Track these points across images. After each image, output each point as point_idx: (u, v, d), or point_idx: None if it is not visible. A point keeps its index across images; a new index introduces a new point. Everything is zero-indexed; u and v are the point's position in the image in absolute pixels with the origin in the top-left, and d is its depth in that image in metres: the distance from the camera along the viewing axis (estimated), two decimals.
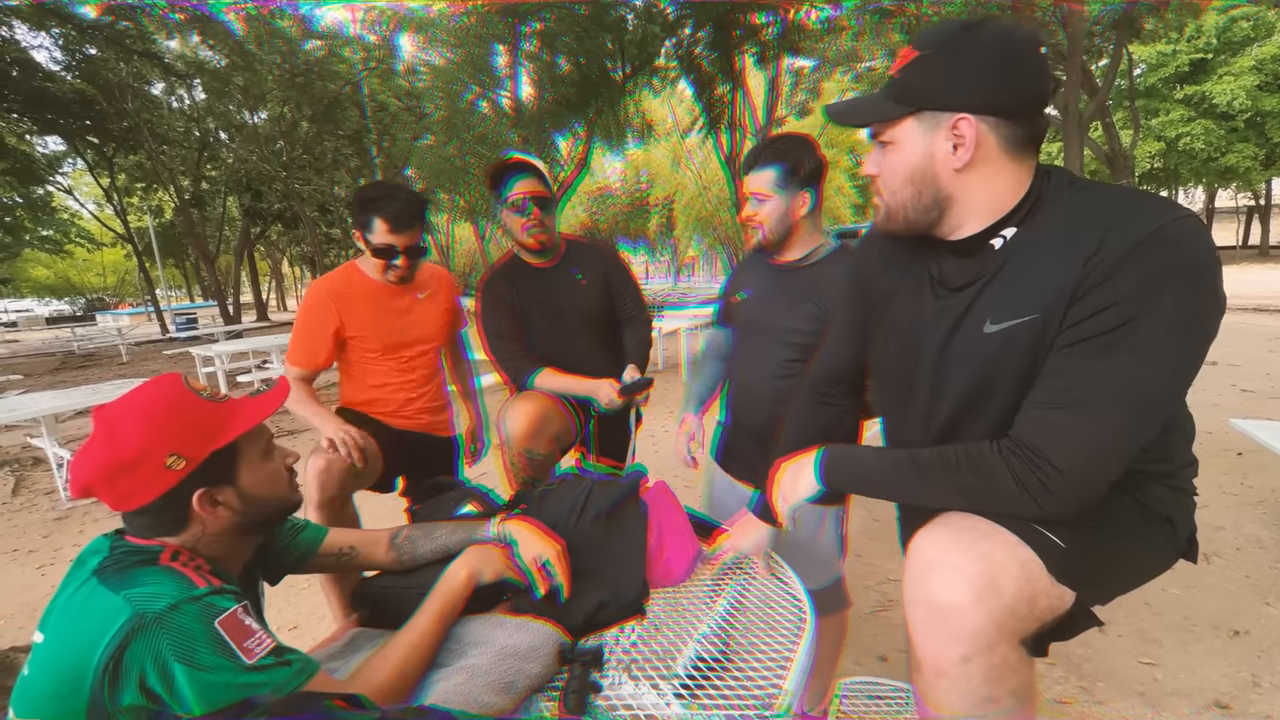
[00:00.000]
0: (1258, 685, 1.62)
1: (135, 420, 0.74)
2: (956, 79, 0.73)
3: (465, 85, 8.46)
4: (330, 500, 1.41)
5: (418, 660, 0.81)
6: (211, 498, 0.78)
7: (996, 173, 0.76)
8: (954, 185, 0.77)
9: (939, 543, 0.72)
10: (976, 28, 0.73)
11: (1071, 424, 0.68)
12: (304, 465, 1.25)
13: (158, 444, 0.73)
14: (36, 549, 3.02)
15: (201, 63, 13.94)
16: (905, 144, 0.78)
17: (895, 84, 0.78)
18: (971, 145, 0.74)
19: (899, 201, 0.81)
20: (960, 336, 0.80)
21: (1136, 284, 0.65)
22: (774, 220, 1.34)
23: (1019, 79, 0.73)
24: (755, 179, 1.34)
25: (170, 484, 0.74)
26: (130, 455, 0.72)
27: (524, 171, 1.70)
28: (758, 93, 9.58)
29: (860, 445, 1.07)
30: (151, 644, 0.64)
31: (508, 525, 1.03)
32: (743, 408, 1.48)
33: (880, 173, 0.83)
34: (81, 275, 39.33)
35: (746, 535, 1.11)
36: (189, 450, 0.75)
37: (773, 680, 0.84)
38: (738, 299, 1.50)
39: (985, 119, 0.73)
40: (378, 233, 1.59)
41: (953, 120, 0.74)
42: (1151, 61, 19.09)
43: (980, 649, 0.67)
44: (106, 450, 0.72)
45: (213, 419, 0.78)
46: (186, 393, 0.79)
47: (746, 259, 1.54)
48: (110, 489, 0.73)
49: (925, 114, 0.76)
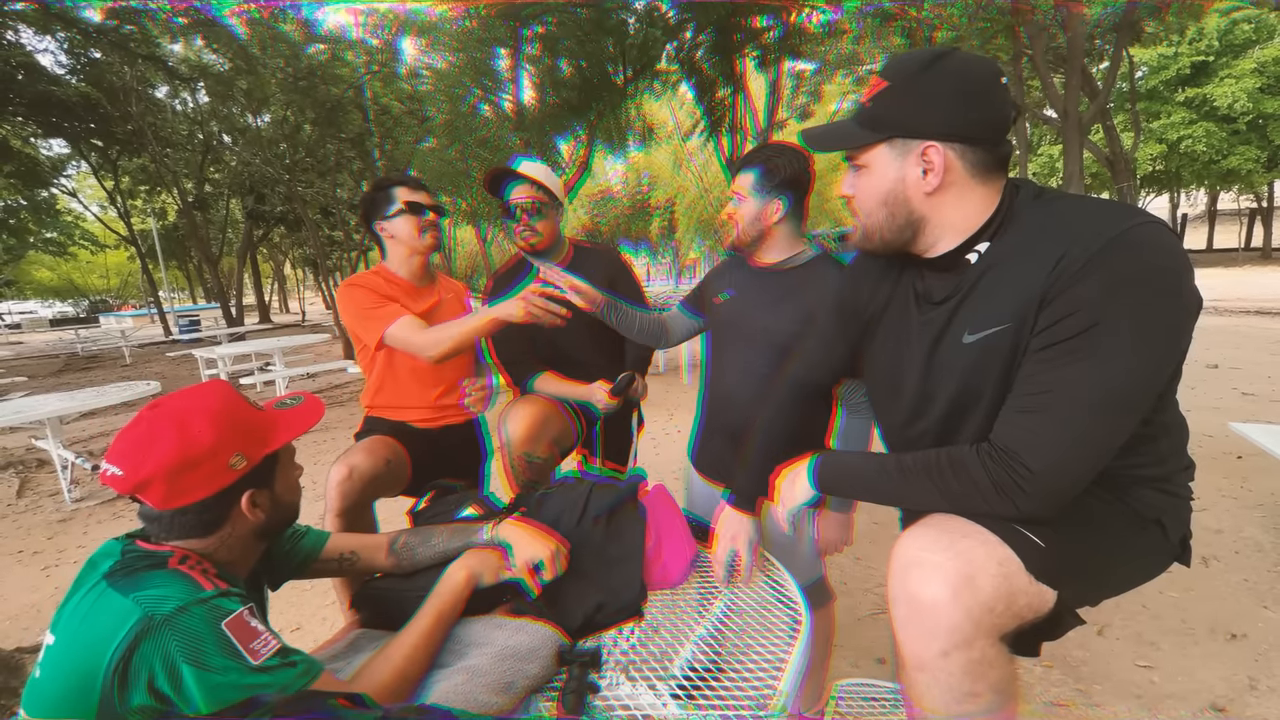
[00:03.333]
0: (1255, 688, 1.63)
1: (205, 419, 0.77)
2: (923, 109, 0.78)
3: (467, 89, 8.49)
4: (350, 509, 1.40)
5: (419, 660, 0.83)
6: (254, 499, 0.81)
7: (966, 194, 0.80)
8: (925, 207, 0.82)
9: (920, 542, 0.75)
10: (942, 59, 0.77)
11: (1043, 427, 0.71)
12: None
13: (227, 443, 0.77)
14: (41, 550, 3.04)
15: (205, 66, 14.01)
16: (877, 168, 0.84)
17: (866, 112, 0.83)
18: (940, 170, 0.79)
19: (874, 223, 0.87)
20: (943, 348, 0.84)
21: (1098, 289, 0.68)
22: (746, 221, 1.37)
23: (981, 109, 0.77)
24: (738, 180, 1.38)
25: (227, 483, 0.78)
26: (200, 452, 0.75)
27: (515, 179, 1.75)
28: (759, 96, 9.61)
29: (851, 451, 1.10)
30: (160, 645, 0.66)
31: (502, 529, 1.05)
32: (720, 409, 1.49)
33: (855, 194, 0.88)
34: (85, 277, 39.49)
35: (731, 529, 1.13)
36: (250, 452, 0.80)
37: (768, 681, 0.86)
38: (720, 299, 1.51)
39: (952, 145, 0.78)
40: (401, 197, 1.65)
41: (921, 147, 0.79)
42: (1153, 64, 19.09)
43: (958, 644, 0.69)
44: (178, 445, 0.74)
45: (264, 424, 0.83)
46: (239, 398, 0.83)
47: (726, 262, 1.56)
48: (169, 484, 0.74)
49: (896, 141, 0.81)
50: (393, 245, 1.71)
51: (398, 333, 1.56)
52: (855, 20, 7.90)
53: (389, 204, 1.66)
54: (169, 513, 0.77)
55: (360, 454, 1.46)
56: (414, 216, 1.67)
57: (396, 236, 1.69)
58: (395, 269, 1.73)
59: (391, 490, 1.59)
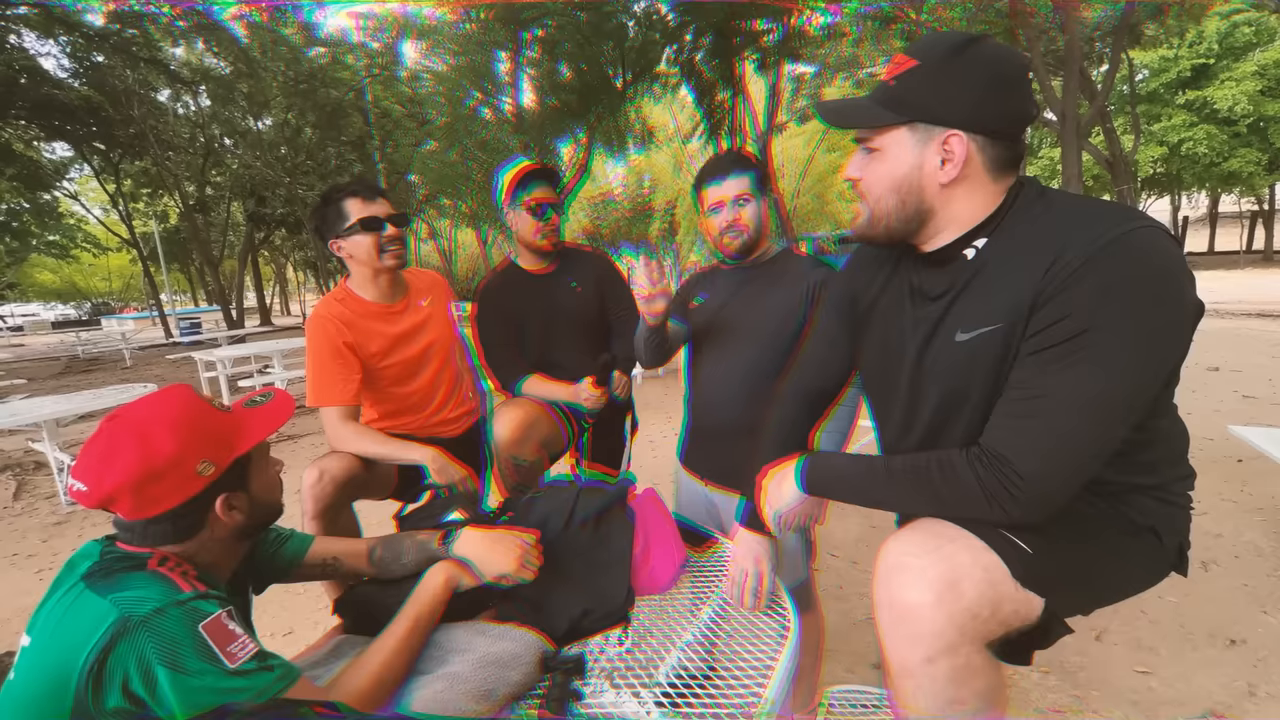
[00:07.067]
0: (1254, 695, 1.61)
1: (165, 428, 0.75)
2: (951, 94, 0.74)
3: (467, 92, 8.53)
4: (324, 511, 1.39)
5: (397, 667, 0.82)
6: (229, 503, 0.80)
7: (977, 189, 0.77)
8: (937, 199, 0.79)
9: (904, 546, 0.74)
10: (975, 44, 0.74)
11: (1033, 432, 0.69)
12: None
13: (191, 451, 0.75)
14: (35, 553, 3.03)
15: (207, 70, 14.09)
16: (893, 153, 0.79)
17: (889, 91, 0.78)
18: (960, 162, 0.75)
19: (883, 209, 0.82)
20: (935, 345, 0.82)
21: (1091, 294, 0.66)
22: (757, 222, 1.41)
23: (1010, 101, 0.74)
24: (732, 185, 1.38)
25: (197, 490, 0.76)
26: (163, 462, 0.73)
27: (543, 178, 1.74)
28: (758, 99, 9.63)
29: (839, 453, 1.08)
30: (136, 647, 0.65)
31: (459, 545, 1.01)
32: (710, 409, 1.48)
33: (864, 177, 0.84)
34: (87, 280, 39.67)
35: (753, 553, 1.07)
36: (217, 457, 0.78)
37: (754, 689, 0.84)
38: (695, 304, 1.52)
39: (975, 137, 0.75)
40: (354, 212, 1.49)
41: (944, 135, 0.75)
42: (1153, 67, 19.11)
43: (942, 650, 0.68)
44: (139, 458, 0.72)
45: (230, 427, 0.81)
46: (201, 402, 0.81)
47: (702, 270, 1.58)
48: (136, 496, 0.73)
49: (918, 126, 0.76)
50: (353, 265, 1.57)
51: (327, 417, 1.50)
52: (855, 23, 7.91)
53: (341, 219, 1.50)
54: (141, 522, 0.75)
55: (333, 456, 1.44)
56: (371, 234, 1.50)
57: (355, 256, 1.53)
58: (360, 291, 1.60)
59: (376, 493, 1.58)
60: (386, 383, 1.64)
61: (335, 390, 1.50)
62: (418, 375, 1.67)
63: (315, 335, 1.53)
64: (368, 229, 1.50)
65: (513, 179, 1.71)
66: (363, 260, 1.54)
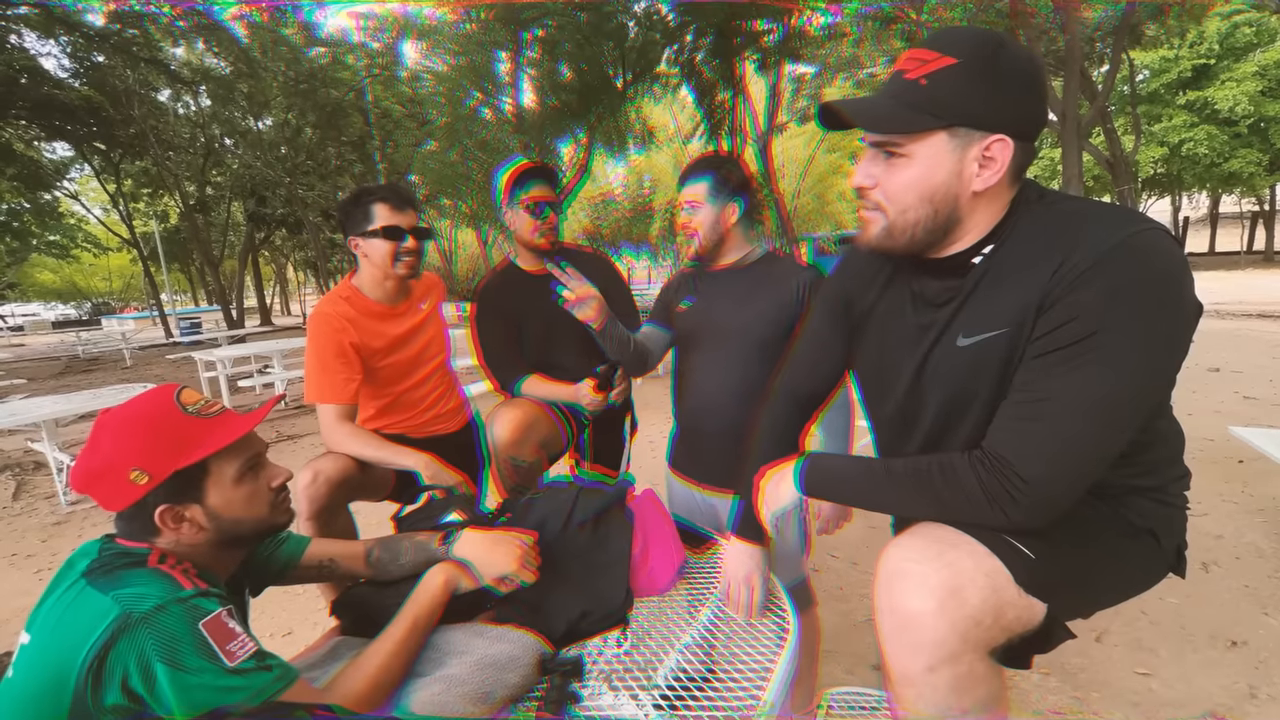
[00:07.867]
0: (1255, 696, 1.60)
1: (110, 432, 0.76)
2: (995, 96, 0.69)
3: (467, 92, 8.52)
4: (319, 512, 1.39)
5: (394, 669, 0.81)
6: (176, 514, 0.78)
7: (997, 196, 0.75)
8: (966, 207, 0.74)
9: (906, 551, 0.72)
10: (1005, 43, 0.70)
11: (1038, 436, 0.68)
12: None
13: (123, 458, 0.75)
14: (35, 553, 3.03)
15: (207, 70, 14.10)
16: (926, 159, 0.72)
17: (922, 91, 0.71)
18: (1001, 168, 0.71)
19: (910, 220, 0.76)
20: (938, 351, 0.81)
21: (1099, 297, 0.65)
22: (707, 227, 1.40)
23: (1040, 105, 0.73)
24: (690, 190, 1.39)
25: (134, 497, 0.75)
26: (99, 465, 0.75)
27: (541, 176, 1.74)
28: (759, 99, 9.62)
29: (838, 454, 1.06)
30: (136, 644, 0.65)
31: (458, 546, 1.00)
32: (699, 412, 1.48)
33: (882, 186, 0.76)
34: (87, 280, 39.69)
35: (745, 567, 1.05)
36: (152, 467, 0.76)
37: (752, 691, 0.84)
38: (682, 307, 1.52)
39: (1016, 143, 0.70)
40: (380, 217, 1.53)
41: (988, 140, 0.70)
42: (1154, 67, 19.11)
43: (944, 658, 0.67)
44: (87, 456, 0.76)
45: (187, 436, 0.78)
46: (172, 408, 0.79)
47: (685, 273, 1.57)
48: (92, 491, 0.77)
49: (959, 130, 0.70)
50: (365, 264, 1.60)
51: (323, 414, 1.51)
52: (855, 23, 7.90)
53: (366, 220, 1.54)
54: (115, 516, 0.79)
55: (328, 458, 1.44)
56: (390, 242, 1.54)
57: (370, 257, 1.57)
58: (367, 290, 1.63)
59: (372, 495, 1.58)
60: (384, 380, 1.66)
61: (335, 389, 1.51)
62: (414, 374, 1.71)
63: (319, 332, 1.54)
64: (389, 237, 1.54)
65: (510, 178, 1.71)
66: (376, 264, 1.58)
